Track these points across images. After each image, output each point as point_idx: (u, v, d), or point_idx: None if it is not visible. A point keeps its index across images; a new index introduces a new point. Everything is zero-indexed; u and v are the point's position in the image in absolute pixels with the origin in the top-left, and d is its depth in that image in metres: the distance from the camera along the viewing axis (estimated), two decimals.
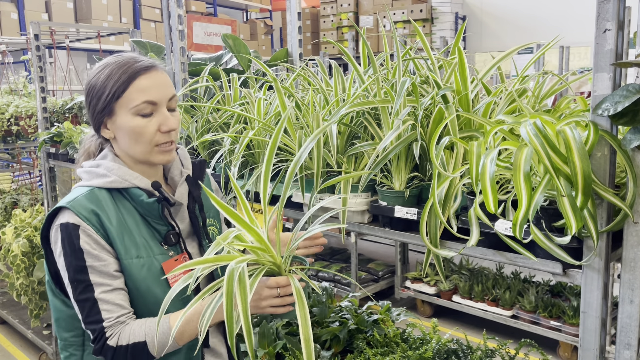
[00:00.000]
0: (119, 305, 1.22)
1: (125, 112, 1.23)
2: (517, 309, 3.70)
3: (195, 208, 1.38)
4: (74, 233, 1.20)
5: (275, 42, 9.98)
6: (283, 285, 1.19)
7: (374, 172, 1.40)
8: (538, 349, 1.88)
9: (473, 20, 8.60)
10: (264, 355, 1.95)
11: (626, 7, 1.01)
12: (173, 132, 1.27)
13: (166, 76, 1.29)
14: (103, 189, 1.26)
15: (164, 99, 1.25)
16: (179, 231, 1.32)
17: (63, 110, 3.64)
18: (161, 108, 1.25)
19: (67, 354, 1.33)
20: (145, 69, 1.23)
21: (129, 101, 1.22)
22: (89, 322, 1.22)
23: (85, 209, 1.22)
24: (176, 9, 2.14)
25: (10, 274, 3.49)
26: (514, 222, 1.00)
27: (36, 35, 3.36)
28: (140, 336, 1.21)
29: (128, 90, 1.22)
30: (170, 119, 1.25)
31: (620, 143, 0.99)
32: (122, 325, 1.22)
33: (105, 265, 1.21)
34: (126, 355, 1.21)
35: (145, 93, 1.22)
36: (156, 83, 1.24)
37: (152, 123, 1.24)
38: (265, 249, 1.21)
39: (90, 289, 1.20)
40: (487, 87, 1.48)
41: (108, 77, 1.23)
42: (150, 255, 1.27)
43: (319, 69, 1.88)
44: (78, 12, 6.86)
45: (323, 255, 5.10)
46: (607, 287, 1.07)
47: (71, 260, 1.20)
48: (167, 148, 1.27)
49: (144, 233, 1.28)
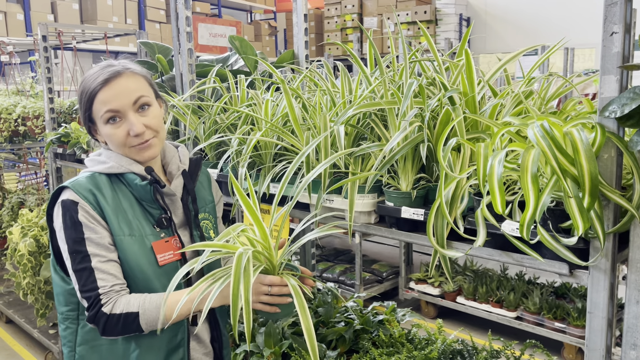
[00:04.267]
0: (114, 275, 1.33)
1: (99, 121, 1.37)
2: (522, 310, 3.70)
3: (188, 200, 1.48)
4: (73, 208, 1.32)
5: (279, 43, 9.99)
6: (277, 284, 1.28)
7: (380, 173, 1.41)
8: (543, 351, 1.88)
9: (477, 21, 8.60)
10: (270, 354, 1.96)
11: (633, 9, 1.02)
12: (147, 132, 1.37)
13: (131, 79, 1.37)
14: (103, 174, 1.39)
15: (126, 104, 1.35)
16: (170, 216, 1.43)
17: (70, 111, 3.66)
18: (127, 114, 1.35)
19: (64, 327, 1.45)
20: (103, 83, 1.34)
21: (97, 112, 1.36)
22: (85, 291, 1.31)
23: (84, 189, 1.35)
24: (184, 10, 2.16)
25: (16, 273, 3.50)
26: (521, 222, 1.01)
27: (44, 36, 3.38)
28: (134, 307, 1.30)
29: (94, 106, 1.36)
30: (136, 123, 1.35)
31: (627, 145, 1.00)
32: (116, 294, 1.32)
33: (101, 237, 1.33)
34: (118, 323, 1.30)
35: (106, 104, 1.34)
36: (115, 93, 1.34)
37: (121, 129, 1.36)
38: (267, 247, 1.30)
39: (87, 259, 1.31)
40: (494, 88, 1.49)
41: (80, 96, 1.39)
42: (142, 235, 1.38)
43: (325, 70, 1.89)
44: (83, 13, 6.89)
45: (327, 256, 5.11)
46: (613, 287, 1.08)
47: (70, 233, 1.32)
48: (143, 146, 1.38)
49: (137, 215, 1.40)
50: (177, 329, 1.43)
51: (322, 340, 2.03)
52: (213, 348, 1.55)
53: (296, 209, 1.68)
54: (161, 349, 1.42)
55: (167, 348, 1.42)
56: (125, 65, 1.38)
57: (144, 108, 1.37)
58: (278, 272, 1.32)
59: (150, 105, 1.39)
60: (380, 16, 7.92)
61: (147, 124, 1.36)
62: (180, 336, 1.44)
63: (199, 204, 1.53)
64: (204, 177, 1.61)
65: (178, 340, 1.44)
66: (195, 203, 1.50)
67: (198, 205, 1.51)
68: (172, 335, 1.43)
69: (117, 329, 1.30)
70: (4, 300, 4.30)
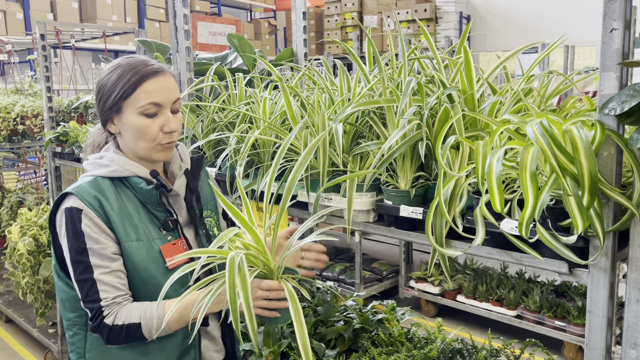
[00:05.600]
0: (116, 287, 1.30)
1: (132, 111, 1.32)
2: (522, 309, 3.70)
3: (192, 199, 1.47)
4: (77, 216, 1.29)
5: (279, 41, 9.98)
6: (274, 289, 1.25)
7: (379, 172, 1.41)
8: (543, 349, 1.87)
9: (477, 19, 8.58)
10: (269, 354, 1.95)
11: (633, 6, 1.01)
12: (174, 133, 1.37)
13: (172, 80, 1.38)
14: (106, 178, 1.36)
15: (168, 101, 1.34)
16: (176, 217, 1.41)
17: (69, 110, 3.65)
18: (165, 110, 1.34)
19: (71, 333, 1.42)
20: (153, 73, 1.32)
21: (136, 101, 1.32)
22: (87, 302, 1.30)
23: (89, 195, 1.31)
24: (182, 8, 2.15)
25: (16, 272, 3.50)
26: (520, 221, 1.00)
27: (42, 35, 3.37)
28: (136, 318, 1.28)
29: (136, 92, 1.31)
30: (172, 120, 1.35)
31: (627, 142, 0.99)
32: (118, 305, 1.30)
33: (104, 248, 1.30)
34: (120, 334, 1.28)
35: (151, 95, 1.31)
36: (162, 86, 1.33)
37: (155, 123, 1.33)
38: (261, 251, 1.27)
39: (89, 270, 1.29)
40: (493, 86, 1.48)
41: (119, 78, 1.32)
42: (149, 239, 1.36)
43: (324, 68, 1.88)
44: (83, 12, 6.88)
45: (327, 255, 5.10)
46: (613, 286, 1.07)
47: (73, 242, 1.29)
48: (168, 147, 1.37)
49: (143, 219, 1.37)
50: (189, 330, 1.39)
51: (321, 339, 2.03)
52: (225, 345, 1.54)
53: (295, 208, 1.67)
54: (173, 351, 1.39)
55: (179, 350, 1.40)
56: (163, 66, 1.37)
57: (176, 111, 1.37)
58: (277, 277, 1.30)
59: (179, 111, 1.40)
60: (380, 14, 7.91)
61: (176, 127, 1.36)
62: (191, 339, 1.41)
63: (203, 200, 1.51)
64: (203, 174, 1.60)
65: (190, 341, 1.41)
66: (200, 202, 1.48)
67: (202, 204, 1.50)
68: (184, 336, 1.40)
69: (120, 338, 1.29)
70: (4, 299, 4.29)
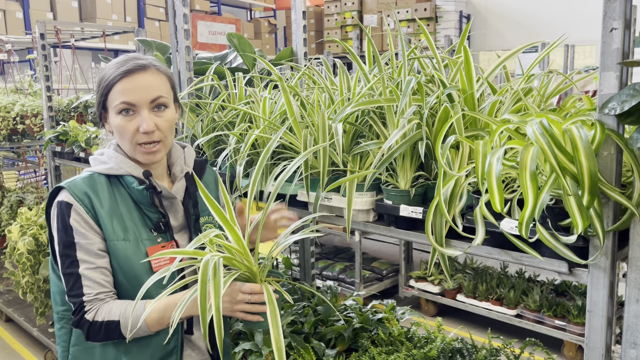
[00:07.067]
0: (99, 283, 1.31)
1: (112, 110, 1.34)
2: (522, 308, 3.70)
3: (189, 204, 1.45)
4: (67, 211, 1.31)
5: (279, 41, 9.97)
6: (257, 292, 1.24)
7: (379, 171, 1.40)
8: (543, 348, 1.87)
9: (477, 19, 8.58)
10: (269, 353, 1.95)
11: (632, 6, 1.01)
12: (156, 133, 1.34)
13: (155, 77, 1.35)
14: (102, 174, 1.37)
15: (143, 100, 1.32)
16: (168, 220, 1.40)
17: (68, 109, 3.65)
18: (141, 109, 1.32)
19: (59, 326, 1.44)
20: (128, 72, 1.31)
21: (112, 100, 1.33)
22: (71, 295, 1.31)
23: (80, 191, 1.33)
24: (181, 7, 2.14)
25: (16, 272, 3.50)
26: (520, 221, 1.00)
27: (42, 34, 3.37)
28: (116, 316, 1.29)
29: (111, 91, 1.33)
30: (147, 120, 1.32)
31: (627, 142, 0.99)
32: (100, 302, 1.30)
33: (90, 243, 1.31)
34: (100, 331, 1.29)
35: (123, 94, 1.31)
36: (136, 85, 1.31)
37: (132, 123, 1.33)
38: (242, 252, 1.26)
39: (75, 264, 1.30)
40: (493, 86, 1.48)
41: (102, 78, 1.35)
42: (137, 240, 1.35)
43: (324, 67, 1.88)
44: (83, 11, 6.87)
45: (327, 254, 5.10)
46: (613, 286, 1.07)
47: (62, 236, 1.31)
48: (151, 149, 1.35)
49: (135, 219, 1.37)
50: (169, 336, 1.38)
51: (321, 339, 2.03)
52: (211, 356, 1.50)
53: (296, 207, 1.67)
54: (155, 353, 1.38)
55: (159, 355, 1.39)
56: (152, 61, 1.36)
57: (160, 108, 1.35)
58: (260, 280, 1.27)
59: (167, 107, 1.36)
60: (380, 13, 7.90)
61: (158, 125, 1.33)
62: (173, 344, 1.40)
63: (203, 206, 1.47)
64: (210, 178, 1.57)
65: (171, 347, 1.40)
66: (197, 207, 1.46)
67: (201, 209, 1.47)
68: (164, 342, 1.38)
69: (99, 335, 1.30)
70: (3, 298, 4.29)
